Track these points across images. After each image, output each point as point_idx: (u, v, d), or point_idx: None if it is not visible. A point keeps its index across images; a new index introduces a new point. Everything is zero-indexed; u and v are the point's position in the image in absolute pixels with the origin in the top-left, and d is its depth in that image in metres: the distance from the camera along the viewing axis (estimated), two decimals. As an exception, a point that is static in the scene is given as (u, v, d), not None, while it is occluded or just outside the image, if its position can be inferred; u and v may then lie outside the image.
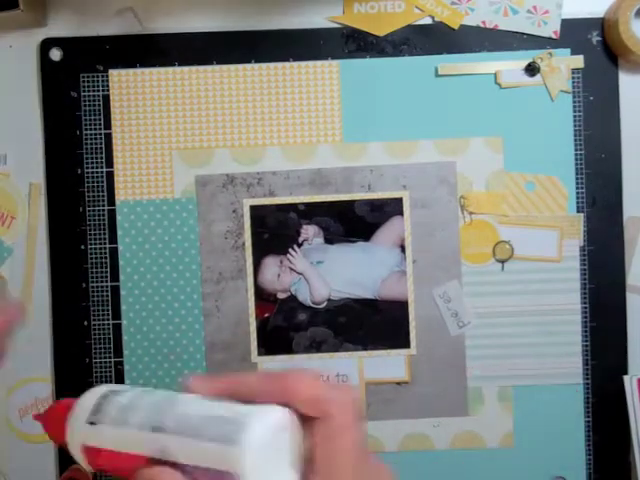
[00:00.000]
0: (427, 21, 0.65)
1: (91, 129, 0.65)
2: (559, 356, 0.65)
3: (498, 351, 0.65)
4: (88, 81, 0.65)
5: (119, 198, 0.65)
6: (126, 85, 0.65)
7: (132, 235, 0.65)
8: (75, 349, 0.66)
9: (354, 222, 0.65)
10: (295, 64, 0.65)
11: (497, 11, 0.65)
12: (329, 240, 0.65)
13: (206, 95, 0.65)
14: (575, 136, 0.65)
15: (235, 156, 0.65)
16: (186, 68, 0.65)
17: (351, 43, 0.65)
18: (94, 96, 0.65)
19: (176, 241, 0.65)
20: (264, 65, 0.65)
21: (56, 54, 0.65)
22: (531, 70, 0.64)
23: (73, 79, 0.65)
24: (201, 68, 0.65)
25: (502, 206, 0.65)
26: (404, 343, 0.65)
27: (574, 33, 0.65)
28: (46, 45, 0.65)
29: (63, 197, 0.65)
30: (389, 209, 0.65)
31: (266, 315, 0.65)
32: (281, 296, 0.65)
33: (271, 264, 0.65)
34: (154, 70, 0.65)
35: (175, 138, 0.65)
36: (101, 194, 0.65)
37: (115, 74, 0.65)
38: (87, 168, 0.65)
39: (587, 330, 0.65)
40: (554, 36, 0.65)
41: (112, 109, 0.65)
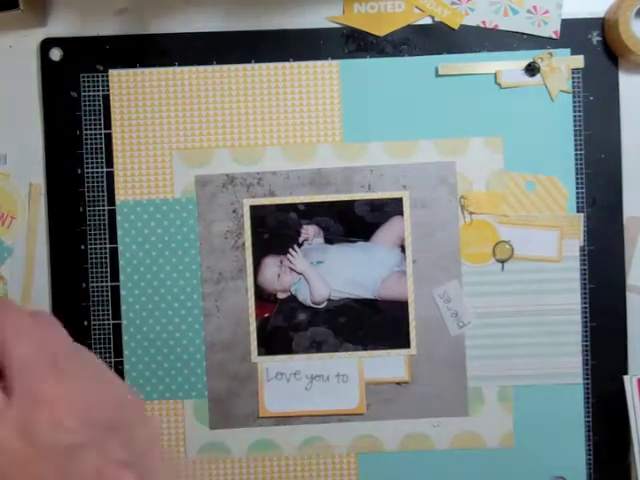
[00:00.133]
0: (427, 21, 0.65)
1: (91, 129, 0.65)
2: (559, 356, 0.65)
3: (498, 351, 0.65)
4: (88, 81, 0.65)
5: (119, 198, 0.65)
6: (126, 85, 0.65)
7: (132, 235, 0.65)
8: (75, 349, 0.66)
9: (354, 222, 0.65)
10: (295, 64, 0.65)
11: (497, 11, 0.65)
12: (329, 240, 0.65)
13: (206, 95, 0.65)
14: (575, 136, 0.65)
15: (235, 156, 0.65)
16: (186, 68, 0.65)
17: (351, 43, 0.65)
18: (94, 96, 0.65)
19: (176, 241, 0.65)
20: (264, 65, 0.65)
21: (56, 54, 0.65)
22: (531, 70, 0.64)
23: (73, 79, 0.65)
24: (201, 68, 0.65)
25: (502, 206, 0.65)
26: (404, 343, 0.65)
27: (574, 33, 0.65)
28: (46, 45, 0.65)
29: (63, 197, 0.65)
30: (389, 209, 0.65)
31: (266, 315, 0.65)
32: (281, 296, 0.65)
33: (271, 264, 0.65)
34: (154, 70, 0.65)
35: (175, 138, 0.65)
36: (101, 194, 0.65)
37: (115, 74, 0.65)
38: (87, 168, 0.65)
39: (587, 330, 0.65)
40: (554, 36, 0.65)
41: (112, 109, 0.65)
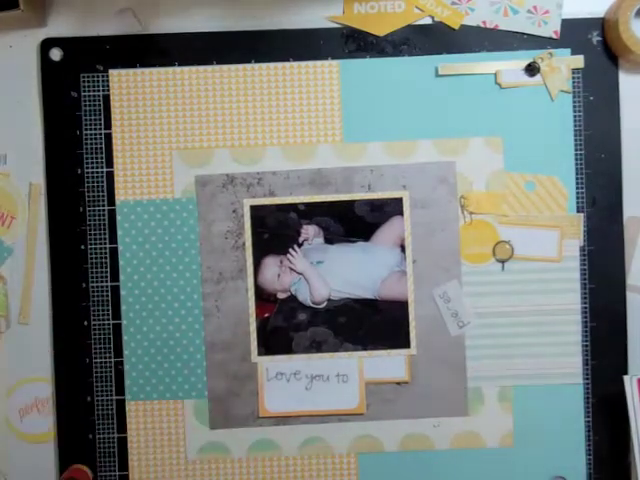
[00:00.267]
0: (427, 21, 0.65)
1: (91, 129, 0.65)
2: (559, 356, 0.65)
3: (498, 351, 0.65)
4: (88, 81, 0.65)
5: (119, 198, 0.65)
6: (126, 85, 0.65)
7: (132, 235, 0.65)
8: (75, 349, 0.66)
9: (354, 222, 0.65)
10: (295, 64, 0.65)
11: (497, 11, 0.65)
12: (329, 240, 0.65)
13: (206, 95, 0.65)
14: (575, 136, 0.65)
15: (235, 156, 0.65)
16: (186, 68, 0.65)
17: (351, 43, 0.65)
18: (94, 96, 0.65)
19: (176, 241, 0.65)
20: (264, 65, 0.65)
21: (56, 54, 0.65)
22: (531, 70, 0.64)
23: (73, 79, 0.65)
24: (201, 68, 0.65)
25: (502, 206, 0.65)
26: (404, 343, 0.65)
27: (574, 33, 0.65)
28: (46, 45, 0.65)
29: (63, 197, 0.65)
30: (389, 209, 0.65)
31: (266, 315, 0.65)
32: (281, 296, 0.65)
33: (271, 264, 0.65)
34: (154, 70, 0.65)
35: (175, 138, 0.65)
36: (101, 194, 0.65)
37: (115, 74, 0.65)
38: (87, 168, 0.65)
39: (587, 330, 0.65)
40: (554, 36, 0.65)
41: (112, 109, 0.65)
